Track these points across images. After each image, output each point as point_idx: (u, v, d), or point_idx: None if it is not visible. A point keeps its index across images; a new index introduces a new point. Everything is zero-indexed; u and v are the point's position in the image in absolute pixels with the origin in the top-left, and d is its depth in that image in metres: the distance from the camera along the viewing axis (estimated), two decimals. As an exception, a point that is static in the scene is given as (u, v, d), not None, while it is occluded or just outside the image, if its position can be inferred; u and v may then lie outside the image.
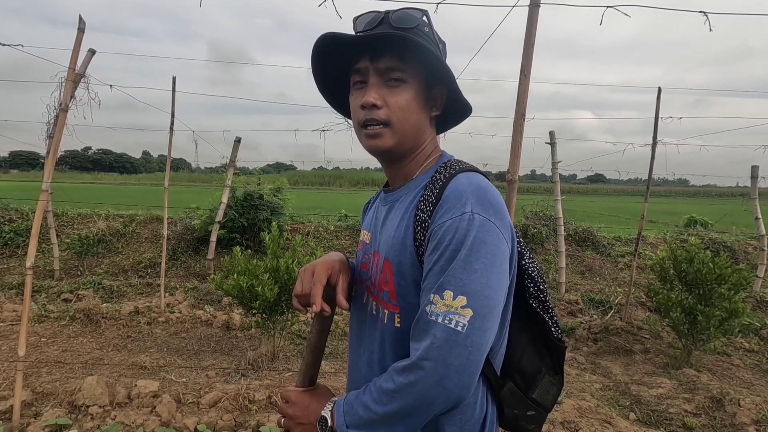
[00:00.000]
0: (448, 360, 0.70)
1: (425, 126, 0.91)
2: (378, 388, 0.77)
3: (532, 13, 2.14)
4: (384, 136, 0.85)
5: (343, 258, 0.98)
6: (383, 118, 0.84)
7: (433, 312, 0.73)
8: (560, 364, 0.95)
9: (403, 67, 0.84)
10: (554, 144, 5.87)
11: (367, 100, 0.83)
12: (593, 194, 43.26)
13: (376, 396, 0.76)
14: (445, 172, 0.85)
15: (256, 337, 4.18)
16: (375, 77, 0.84)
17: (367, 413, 0.76)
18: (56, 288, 5.26)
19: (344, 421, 0.78)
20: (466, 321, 0.71)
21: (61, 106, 2.66)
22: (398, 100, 0.84)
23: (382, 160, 0.95)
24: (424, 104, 0.88)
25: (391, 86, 0.84)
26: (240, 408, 2.80)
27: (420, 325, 0.75)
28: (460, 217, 0.75)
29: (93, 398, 2.74)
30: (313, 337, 0.93)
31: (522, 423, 0.92)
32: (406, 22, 0.83)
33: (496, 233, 0.76)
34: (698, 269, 3.83)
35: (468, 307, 0.72)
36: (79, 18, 2.61)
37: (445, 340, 0.71)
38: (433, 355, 0.71)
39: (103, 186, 31.30)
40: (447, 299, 0.72)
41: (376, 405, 0.75)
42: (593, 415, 2.92)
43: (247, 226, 6.65)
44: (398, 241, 0.85)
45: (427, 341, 0.72)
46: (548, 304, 0.93)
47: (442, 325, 0.71)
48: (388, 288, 0.86)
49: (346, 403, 0.81)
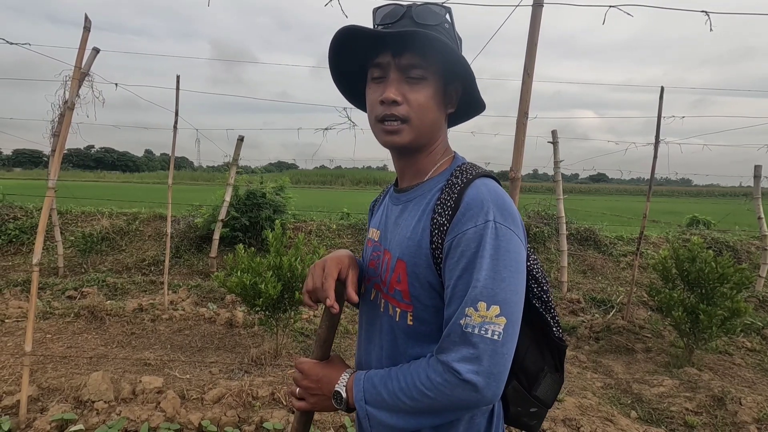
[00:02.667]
0: (491, 369, 0.73)
1: (441, 123, 0.91)
2: (410, 381, 0.78)
3: (535, 12, 2.15)
4: (402, 132, 0.85)
5: (351, 254, 0.99)
6: (403, 114, 0.84)
7: (468, 324, 0.74)
8: (561, 362, 0.97)
9: (425, 65, 0.83)
10: (556, 143, 5.88)
11: (388, 96, 0.83)
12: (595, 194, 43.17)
13: (405, 387, 0.78)
14: (462, 176, 0.85)
15: (259, 335, 4.21)
16: (396, 73, 0.83)
17: (393, 399, 0.79)
18: (61, 285, 5.30)
19: (363, 397, 0.81)
20: (501, 329, 0.73)
21: (67, 104, 2.68)
22: (418, 97, 0.83)
23: (395, 154, 0.95)
24: (441, 102, 0.88)
25: (411, 83, 0.83)
26: (243, 404, 2.82)
27: (453, 337, 0.75)
28: (484, 225, 0.76)
29: (98, 394, 2.77)
30: (322, 332, 0.94)
31: (524, 419, 0.94)
32: (429, 18, 0.82)
33: (516, 241, 0.78)
34: (700, 268, 3.83)
35: (502, 316, 0.74)
36: (85, 17, 2.63)
37: (485, 350, 0.73)
38: (474, 366, 0.72)
39: (106, 184, 31.42)
40: (481, 310, 0.74)
41: (405, 397, 0.78)
42: (594, 413, 2.93)
43: (250, 224, 6.68)
44: (414, 242, 0.86)
45: (465, 351, 0.73)
46: (551, 304, 0.94)
47: (480, 336, 0.73)
48: (400, 288, 0.87)
49: (368, 380, 0.83)
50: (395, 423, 0.79)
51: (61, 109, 4.02)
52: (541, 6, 2.14)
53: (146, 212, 7.69)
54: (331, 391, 0.87)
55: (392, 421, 0.79)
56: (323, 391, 0.88)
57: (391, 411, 0.79)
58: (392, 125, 0.85)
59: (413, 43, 0.81)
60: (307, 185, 38.78)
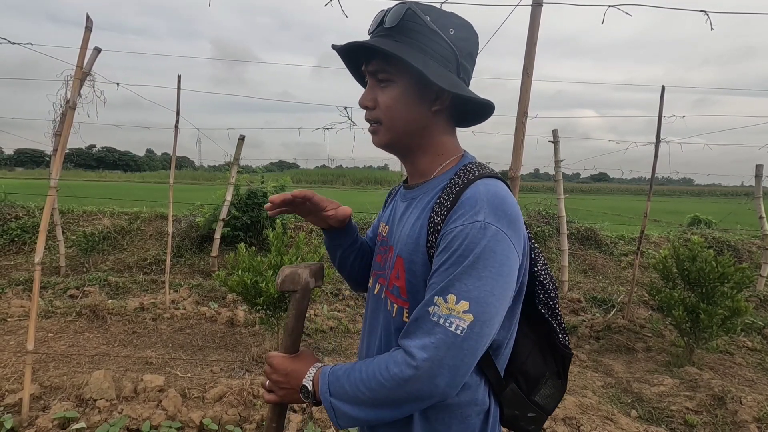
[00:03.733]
0: (444, 360, 0.73)
1: (425, 121, 0.89)
2: (370, 372, 0.79)
3: (534, 12, 2.16)
4: (378, 133, 0.92)
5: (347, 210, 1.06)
6: (375, 116, 0.90)
7: (435, 313, 0.75)
8: (564, 369, 0.97)
9: (389, 68, 0.86)
10: (557, 142, 5.88)
11: (360, 103, 0.91)
12: (596, 193, 43.13)
13: (365, 378, 0.78)
14: (464, 176, 0.85)
15: (260, 334, 4.22)
16: (370, 79, 0.90)
17: (354, 391, 0.79)
18: (62, 284, 5.31)
19: (327, 389, 0.82)
20: (465, 325, 0.73)
21: (69, 104, 2.69)
22: (385, 99, 0.88)
23: (394, 155, 0.99)
24: (417, 100, 0.87)
25: (382, 86, 0.89)
26: (244, 403, 2.83)
27: (418, 323, 0.77)
28: (472, 225, 0.76)
29: (100, 392, 2.78)
30: (290, 321, 0.98)
31: (522, 423, 0.94)
32: (393, 21, 0.85)
33: (507, 244, 0.76)
34: (701, 268, 3.83)
35: (469, 312, 0.73)
36: (87, 17, 2.64)
37: (443, 341, 0.73)
38: (430, 354, 0.73)
39: (107, 184, 31.46)
40: (450, 302, 0.74)
41: (365, 388, 0.78)
42: (595, 412, 2.94)
43: (251, 223, 6.69)
44: (412, 240, 0.87)
45: (425, 339, 0.74)
46: (557, 311, 0.94)
47: (443, 327, 0.73)
48: (398, 284, 0.89)
49: (332, 374, 0.84)
50: (358, 415, 0.79)
51: (62, 108, 4.03)
52: (541, 6, 2.15)
53: (147, 212, 7.70)
54: (298, 386, 0.88)
55: (355, 413, 0.79)
56: (291, 385, 0.89)
57: (353, 403, 0.79)
58: (371, 127, 0.92)
59: (372, 51, 0.86)
60: (308, 185, 38.76)
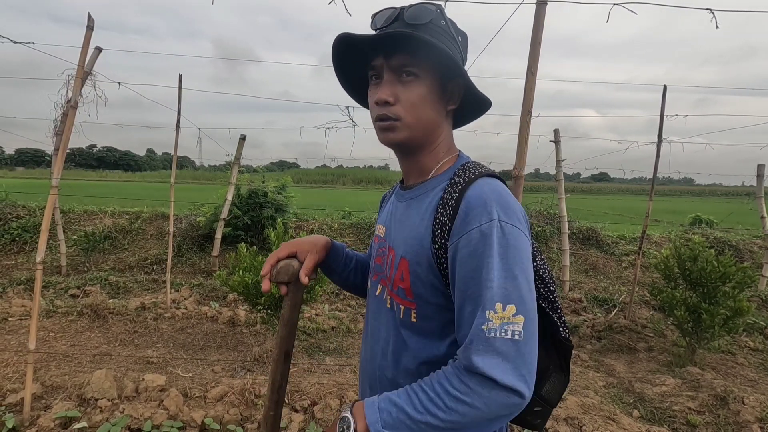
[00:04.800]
0: (519, 370, 0.72)
1: (440, 120, 0.91)
2: (441, 389, 0.74)
3: (539, 10, 2.15)
4: (396, 129, 0.87)
5: (318, 241, 1.05)
6: (395, 113, 0.86)
7: (491, 329, 0.73)
8: (567, 362, 0.97)
9: (415, 63, 0.85)
10: (558, 142, 5.86)
11: (380, 97, 0.86)
12: (597, 193, 43.14)
13: (435, 397, 0.74)
14: (464, 175, 0.85)
15: (261, 333, 4.21)
16: (389, 74, 0.86)
17: (418, 414, 0.74)
18: (63, 284, 5.31)
19: (379, 419, 0.75)
20: (520, 328, 0.73)
21: (71, 103, 2.68)
22: (410, 96, 0.85)
23: (397, 152, 0.96)
24: (438, 98, 0.89)
25: (404, 82, 0.86)
26: (246, 402, 2.83)
27: (478, 344, 0.73)
28: (489, 225, 0.76)
29: (101, 392, 2.78)
30: (285, 311, 0.98)
31: (528, 417, 0.94)
32: (419, 18, 0.84)
33: (523, 238, 0.78)
34: (702, 267, 3.82)
35: (519, 314, 0.73)
36: (88, 16, 2.64)
37: (509, 352, 0.72)
38: (503, 368, 0.71)
39: (108, 183, 31.48)
40: (499, 311, 0.73)
41: (435, 407, 0.73)
42: (597, 411, 2.93)
43: (252, 223, 6.69)
44: (417, 242, 0.86)
45: (493, 358, 0.72)
46: (557, 305, 0.94)
47: (502, 339, 0.72)
48: (403, 285, 0.88)
49: (384, 400, 0.78)
50: None
51: (64, 108, 4.04)
52: (545, 4, 2.14)
53: (148, 211, 7.70)
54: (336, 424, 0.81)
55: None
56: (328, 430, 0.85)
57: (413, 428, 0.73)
58: (387, 123, 0.87)
59: (401, 44, 0.83)
60: (308, 184, 38.79)
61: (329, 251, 1.09)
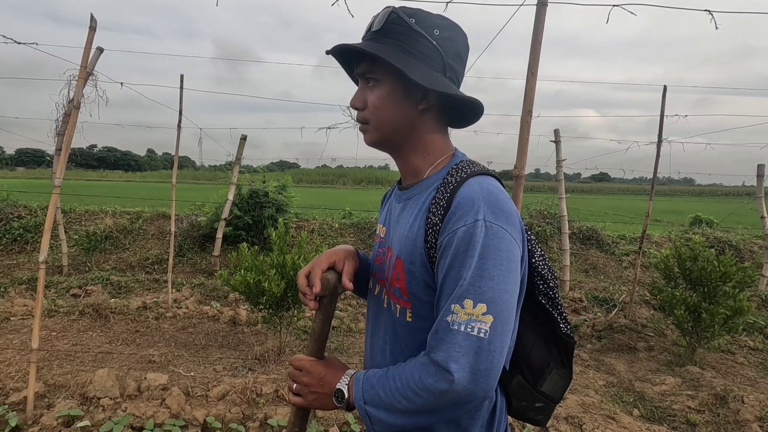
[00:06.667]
0: (475, 366, 0.73)
1: (411, 120, 0.91)
2: (404, 381, 0.79)
3: (539, 11, 2.16)
4: (367, 132, 0.94)
5: (350, 249, 1.03)
6: (363, 117, 0.93)
7: (455, 321, 0.75)
8: (569, 358, 0.98)
9: (375, 69, 0.89)
10: (559, 142, 5.88)
11: (351, 104, 0.94)
12: (597, 193, 43.12)
13: (400, 387, 0.79)
14: (456, 175, 0.86)
15: (263, 333, 4.23)
16: (361, 81, 0.94)
17: (389, 399, 0.80)
18: (65, 283, 5.33)
19: (362, 397, 0.83)
20: (487, 327, 0.74)
21: (73, 103, 2.70)
22: (372, 99, 0.91)
23: (386, 152, 1.00)
24: (402, 99, 0.89)
25: (370, 87, 0.91)
26: (248, 401, 2.84)
27: (440, 334, 0.76)
28: (473, 224, 0.77)
29: (104, 390, 2.79)
30: (317, 326, 0.96)
31: (530, 414, 0.95)
32: (378, 24, 0.88)
33: (508, 239, 0.78)
34: (702, 267, 3.84)
35: (488, 314, 0.74)
36: (91, 16, 2.65)
37: (470, 348, 0.73)
38: (461, 364, 0.73)
39: (109, 183, 31.50)
40: (467, 308, 0.74)
41: (401, 397, 0.79)
42: (597, 410, 2.94)
43: (253, 223, 6.70)
44: (410, 241, 0.87)
45: (453, 350, 0.74)
46: (557, 301, 0.95)
47: (465, 333, 0.74)
48: (399, 285, 0.89)
49: (366, 381, 0.85)
50: (394, 422, 0.80)
51: (66, 108, 4.04)
52: (545, 5, 2.15)
53: (149, 211, 7.72)
54: (332, 389, 0.88)
55: (391, 419, 0.80)
56: (324, 389, 0.89)
57: (389, 410, 0.80)
58: (362, 126, 0.95)
59: (360, 54, 0.90)
60: (309, 184, 38.79)
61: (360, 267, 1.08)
